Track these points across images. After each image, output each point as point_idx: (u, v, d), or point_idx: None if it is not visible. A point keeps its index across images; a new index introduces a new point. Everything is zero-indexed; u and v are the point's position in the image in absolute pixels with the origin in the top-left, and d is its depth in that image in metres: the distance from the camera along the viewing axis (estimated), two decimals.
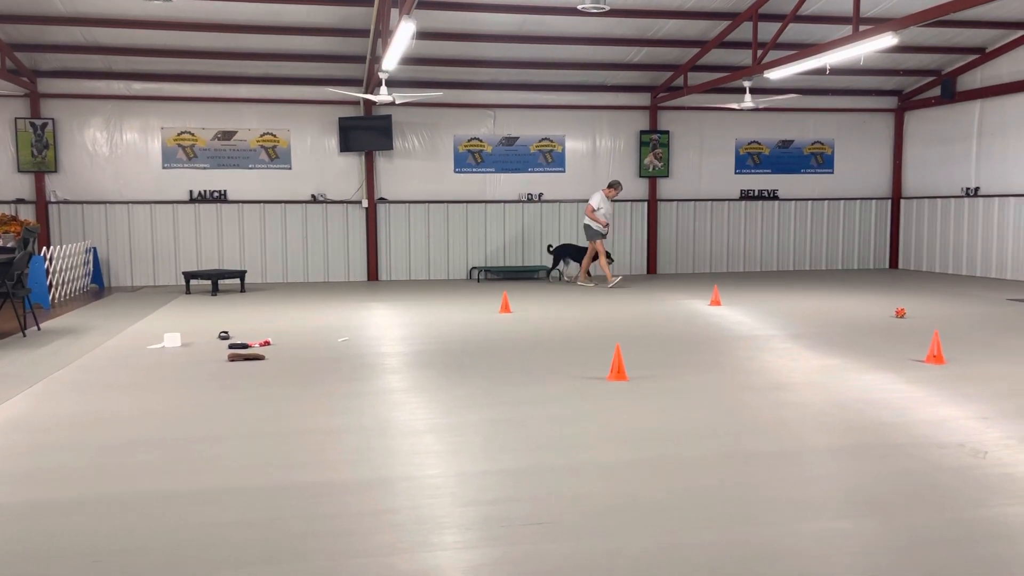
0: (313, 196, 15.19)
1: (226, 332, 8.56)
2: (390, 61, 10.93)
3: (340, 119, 14.92)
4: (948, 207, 15.83)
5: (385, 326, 9.48)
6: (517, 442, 4.74)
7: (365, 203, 15.27)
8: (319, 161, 15.21)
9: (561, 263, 15.00)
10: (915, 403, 5.58)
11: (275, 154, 15.02)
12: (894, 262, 17.28)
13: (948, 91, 15.20)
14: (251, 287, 14.18)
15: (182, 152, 14.70)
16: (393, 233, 15.53)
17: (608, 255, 14.23)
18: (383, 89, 11.92)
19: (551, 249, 15.24)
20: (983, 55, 14.67)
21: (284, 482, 4.08)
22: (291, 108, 14.97)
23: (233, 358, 7.31)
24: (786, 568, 3.08)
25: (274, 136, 14.98)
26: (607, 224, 13.68)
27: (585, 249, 14.25)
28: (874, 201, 17.19)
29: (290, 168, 15.10)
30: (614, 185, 13.84)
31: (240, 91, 14.73)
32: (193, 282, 13.51)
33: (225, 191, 14.86)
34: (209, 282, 13.53)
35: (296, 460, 4.44)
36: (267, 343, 8.09)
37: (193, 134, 14.70)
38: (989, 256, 14.91)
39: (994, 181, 14.77)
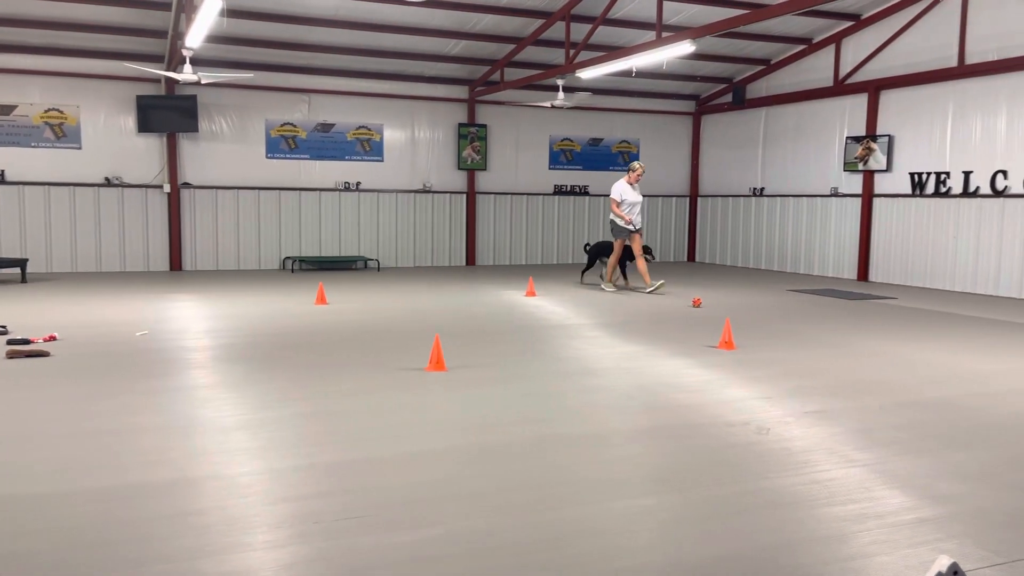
0: (107, 179, 14.05)
1: (3, 326, 7.75)
2: (194, 38, 10.32)
3: (139, 97, 13.89)
4: (738, 205, 17.21)
5: (190, 319, 8.96)
6: (332, 436, 4.64)
7: (167, 188, 14.33)
8: (114, 141, 14.09)
9: (597, 263, 13.23)
10: (709, 385, 6.03)
11: (62, 132, 13.75)
12: (692, 255, 18.57)
13: (739, 98, 16.52)
14: (34, 277, 12.90)
15: None
16: (199, 220, 14.69)
17: (648, 251, 12.18)
18: (187, 67, 11.22)
19: (588, 248, 13.54)
20: (768, 66, 16.06)
21: (76, 487, 3.75)
22: (81, 82, 13.75)
23: (12, 355, 6.63)
24: (596, 545, 3.24)
25: (61, 112, 13.70)
26: (631, 220, 11.67)
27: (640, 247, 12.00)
28: (675, 198, 18.37)
29: (80, 148, 13.88)
30: (633, 168, 11.80)
31: (19, 61, 13.33)
32: None
33: (2, 171, 13.42)
34: None
35: (90, 463, 4.10)
36: (52, 338, 7.40)
37: None
38: (772, 251, 16.38)
39: (776, 182, 16.23)
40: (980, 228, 12.34)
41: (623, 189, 11.72)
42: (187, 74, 11.27)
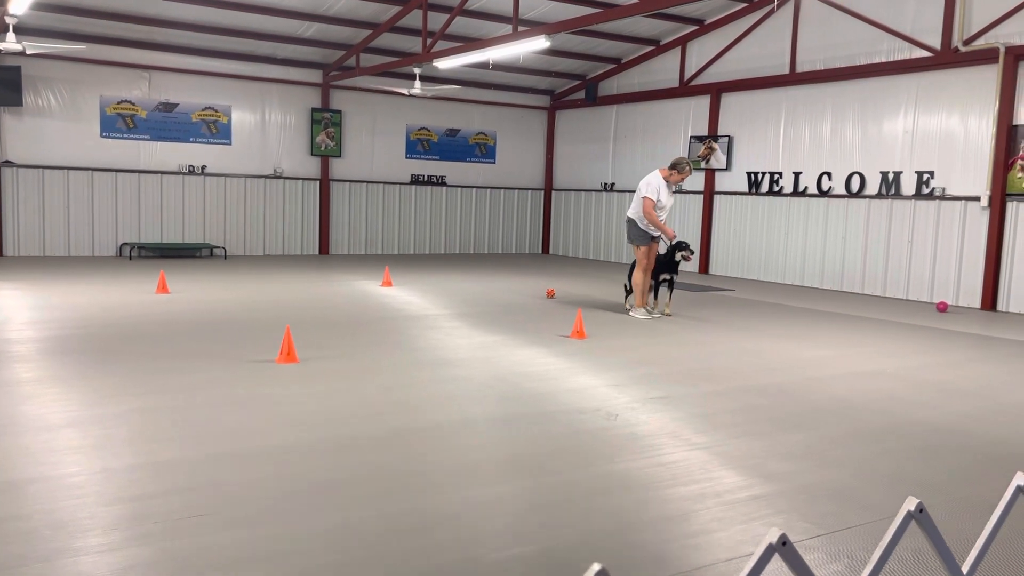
0: None
1: None
2: (19, 5, 9.50)
3: None
4: (590, 199, 17.72)
5: (12, 308, 8.24)
6: (173, 432, 4.41)
7: None
8: None
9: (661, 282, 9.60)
10: (562, 374, 6.18)
11: None
12: (546, 248, 18.96)
13: (591, 95, 17.00)
14: None
15: None
16: (23, 202, 13.53)
17: (684, 249, 9.17)
18: (10, 36, 10.33)
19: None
20: (619, 65, 16.61)
21: None
22: None
23: None
24: (450, 532, 3.25)
25: None
26: (662, 228, 8.90)
27: (671, 259, 9.24)
28: (530, 191, 18.69)
29: None
30: (678, 166, 8.90)
31: None
32: None
33: None
34: None
35: None
36: None
37: None
38: (621, 244, 16.96)
39: (626, 177, 16.81)
40: (808, 225, 13.31)
41: (660, 186, 8.85)
42: (10, 43, 10.38)
